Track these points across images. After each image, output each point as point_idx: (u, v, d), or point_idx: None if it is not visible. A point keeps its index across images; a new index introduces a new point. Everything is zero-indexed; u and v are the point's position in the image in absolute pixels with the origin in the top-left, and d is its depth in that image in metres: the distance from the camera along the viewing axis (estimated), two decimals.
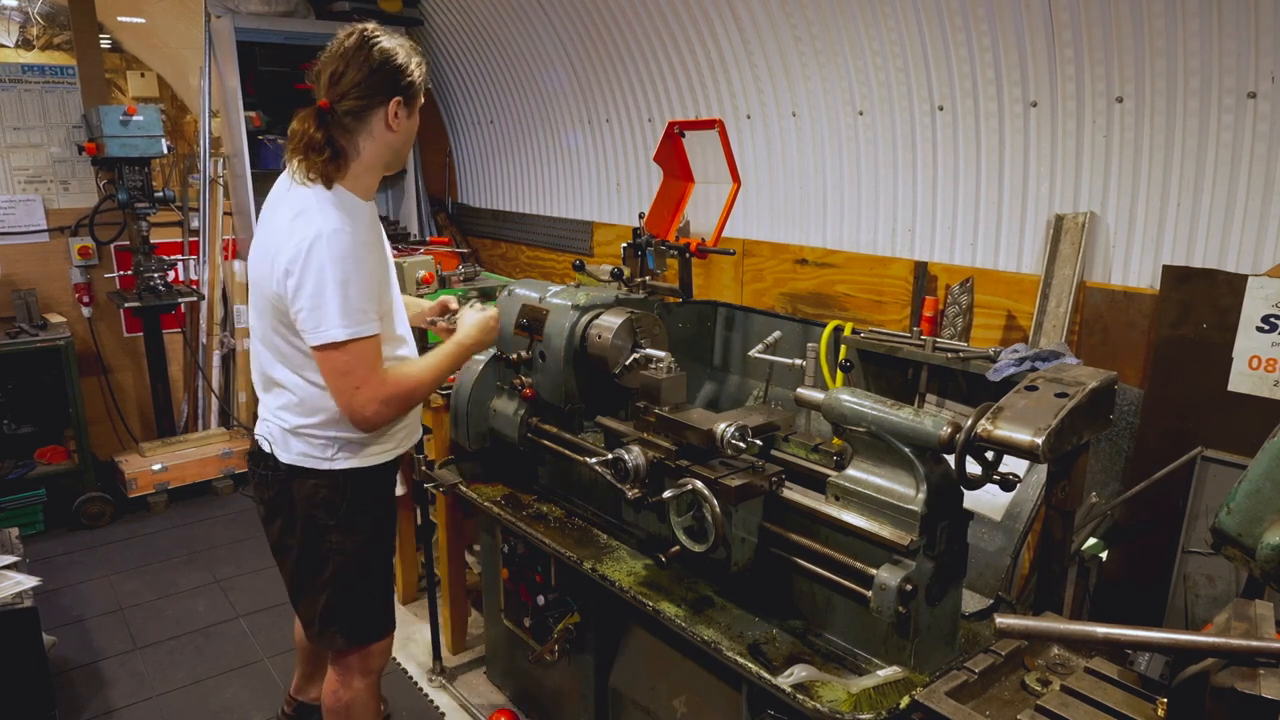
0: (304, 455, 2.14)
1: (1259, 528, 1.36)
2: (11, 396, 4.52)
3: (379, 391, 2.00)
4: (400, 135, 2.04)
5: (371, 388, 1.99)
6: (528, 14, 4.49)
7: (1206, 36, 2.34)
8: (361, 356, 1.96)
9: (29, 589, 2.72)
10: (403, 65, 1.98)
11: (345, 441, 2.14)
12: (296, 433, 2.13)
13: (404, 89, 1.99)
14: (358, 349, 1.95)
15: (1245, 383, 2.36)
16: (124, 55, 5.36)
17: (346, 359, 1.95)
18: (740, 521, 1.93)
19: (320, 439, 2.13)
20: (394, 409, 2.06)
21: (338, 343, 1.93)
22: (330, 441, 2.13)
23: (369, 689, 2.36)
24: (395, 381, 2.04)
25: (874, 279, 3.36)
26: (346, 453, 2.15)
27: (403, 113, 2.01)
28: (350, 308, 1.92)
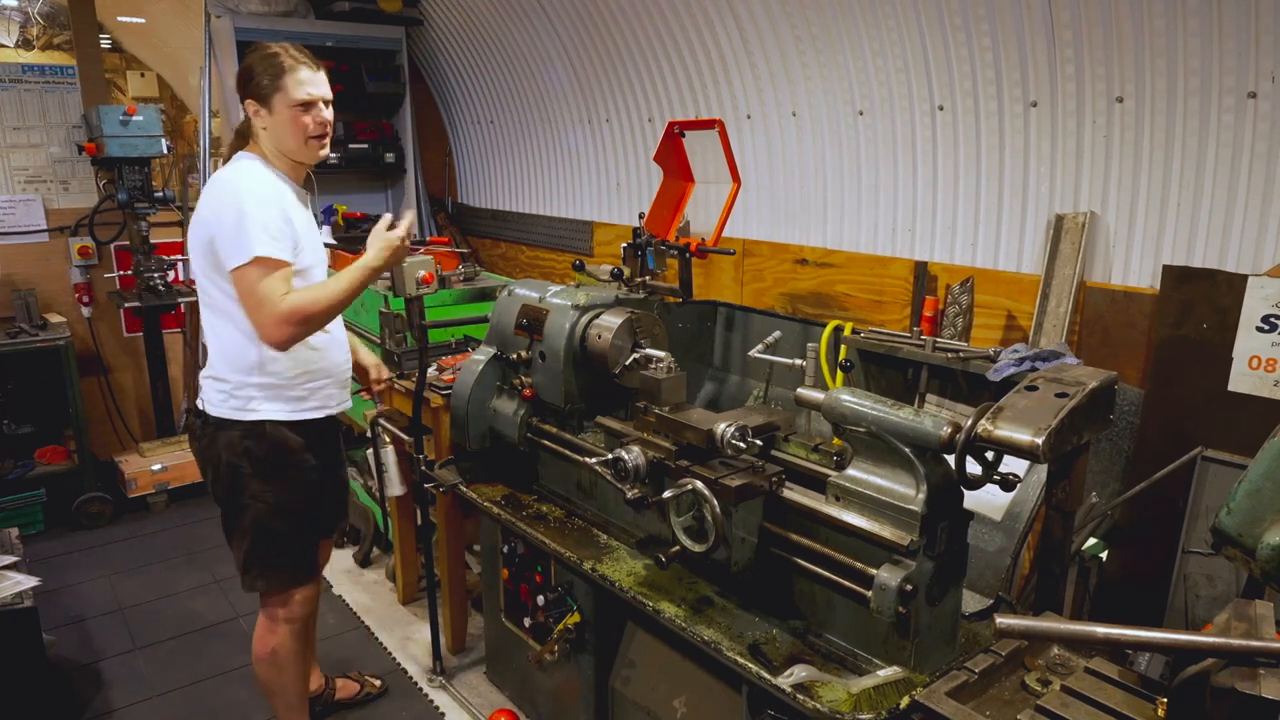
0: (226, 406, 2.35)
1: (1259, 528, 1.36)
2: (11, 396, 4.52)
3: (279, 306, 2.17)
4: (272, 130, 2.30)
5: (273, 303, 2.18)
6: (528, 14, 4.49)
7: (1207, 36, 2.34)
8: (267, 274, 2.17)
9: (29, 589, 2.71)
10: (249, 75, 2.28)
11: (265, 393, 2.34)
12: (219, 382, 2.35)
13: (251, 92, 2.29)
14: (266, 266, 2.17)
15: (1245, 383, 2.36)
16: (124, 55, 5.36)
17: (253, 277, 2.16)
18: (740, 521, 1.93)
19: (242, 390, 2.33)
20: (296, 325, 2.21)
21: (249, 260, 2.15)
22: (251, 393, 2.33)
23: (293, 635, 2.54)
24: (297, 298, 2.21)
25: (874, 279, 3.36)
26: (266, 405, 2.34)
27: (263, 111, 2.29)
28: (259, 233, 2.16)
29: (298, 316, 2.20)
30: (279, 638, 2.53)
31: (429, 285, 4.05)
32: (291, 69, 2.27)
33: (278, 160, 2.36)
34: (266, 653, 2.55)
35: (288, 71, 2.27)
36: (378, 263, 2.38)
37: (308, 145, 2.33)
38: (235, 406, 2.35)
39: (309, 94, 2.28)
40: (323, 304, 2.26)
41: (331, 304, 2.28)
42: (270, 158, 2.35)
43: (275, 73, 2.26)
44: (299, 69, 2.28)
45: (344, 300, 2.31)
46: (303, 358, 2.38)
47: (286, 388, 2.37)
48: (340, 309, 2.35)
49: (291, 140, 2.32)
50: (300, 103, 2.28)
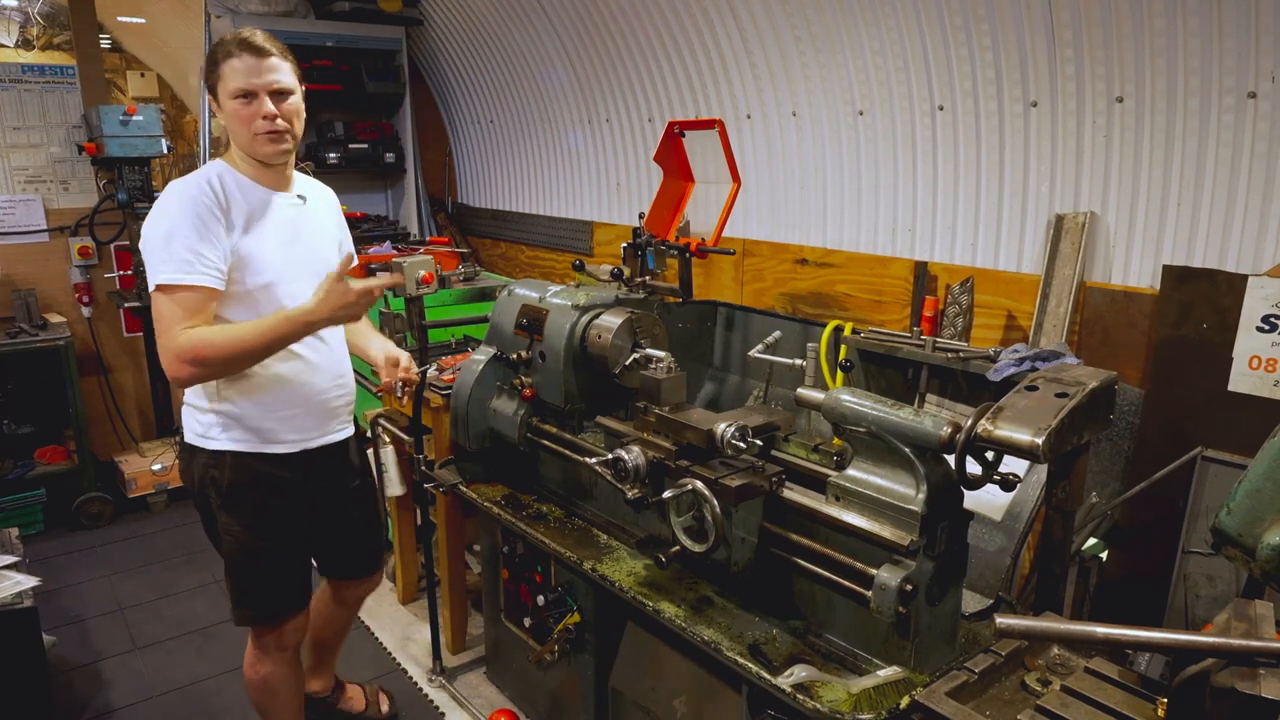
0: (194, 433, 2.20)
1: (1259, 528, 1.36)
2: (11, 396, 4.52)
3: (171, 343, 1.95)
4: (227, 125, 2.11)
5: (167, 338, 1.96)
6: (528, 14, 4.49)
7: (1207, 36, 2.34)
8: (170, 306, 1.95)
9: (29, 589, 2.71)
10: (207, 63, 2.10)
11: (224, 421, 2.15)
12: (188, 406, 2.21)
13: (208, 83, 2.12)
14: (169, 297, 1.96)
15: (1245, 383, 2.36)
16: (124, 55, 5.36)
17: (159, 306, 1.97)
18: (740, 521, 1.93)
19: (205, 416, 2.17)
20: (188, 363, 1.95)
21: (157, 287, 1.97)
22: (214, 420, 2.16)
23: (285, 663, 2.43)
24: (196, 335, 1.95)
25: (874, 279, 3.36)
26: (230, 435, 2.16)
27: (215, 104, 2.11)
28: (170, 257, 1.95)
29: (190, 355, 1.94)
30: (269, 666, 2.42)
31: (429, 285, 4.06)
32: (229, 55, 2.04)
33: (244, 162, 2.15)
34: (257, 679, 2.44)
35: (225, 59, 2.05)
36: (314, 317, 2.02)
37: (255, 140, 2.08)
38: (199, 433, 2.19)
39: (248, 83, 2.03)
40: (224, 348, 1.97)
41: (237, 349, 1.98)
42: (237, 159, 2.16)
43: (215, 61, 2.06)
44: (239, 55, 2.03)
45: (257, 347, 2.01)
46: (260, 384, 2.15)
47: (248, 417, 2.16)
48: (253, 356, 2.04)
49: (239, 135, 2.10)
50: (240, 92, 2.04)
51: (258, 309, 2.10)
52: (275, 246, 2.13)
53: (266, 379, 2.16)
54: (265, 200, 2.14)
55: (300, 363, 2.21)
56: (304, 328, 2.05)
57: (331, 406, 2.32)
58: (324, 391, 2.28)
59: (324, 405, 2.29)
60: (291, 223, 2.20)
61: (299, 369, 2.21)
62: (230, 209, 2.06)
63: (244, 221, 2.07)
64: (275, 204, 2.17)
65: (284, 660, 2.42)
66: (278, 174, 2.20)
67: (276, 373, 2.16)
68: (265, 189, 2.16)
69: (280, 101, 2.08)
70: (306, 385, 2.23)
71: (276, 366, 2.15)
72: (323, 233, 2.33)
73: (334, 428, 2.35)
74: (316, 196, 2.37)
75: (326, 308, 2.02)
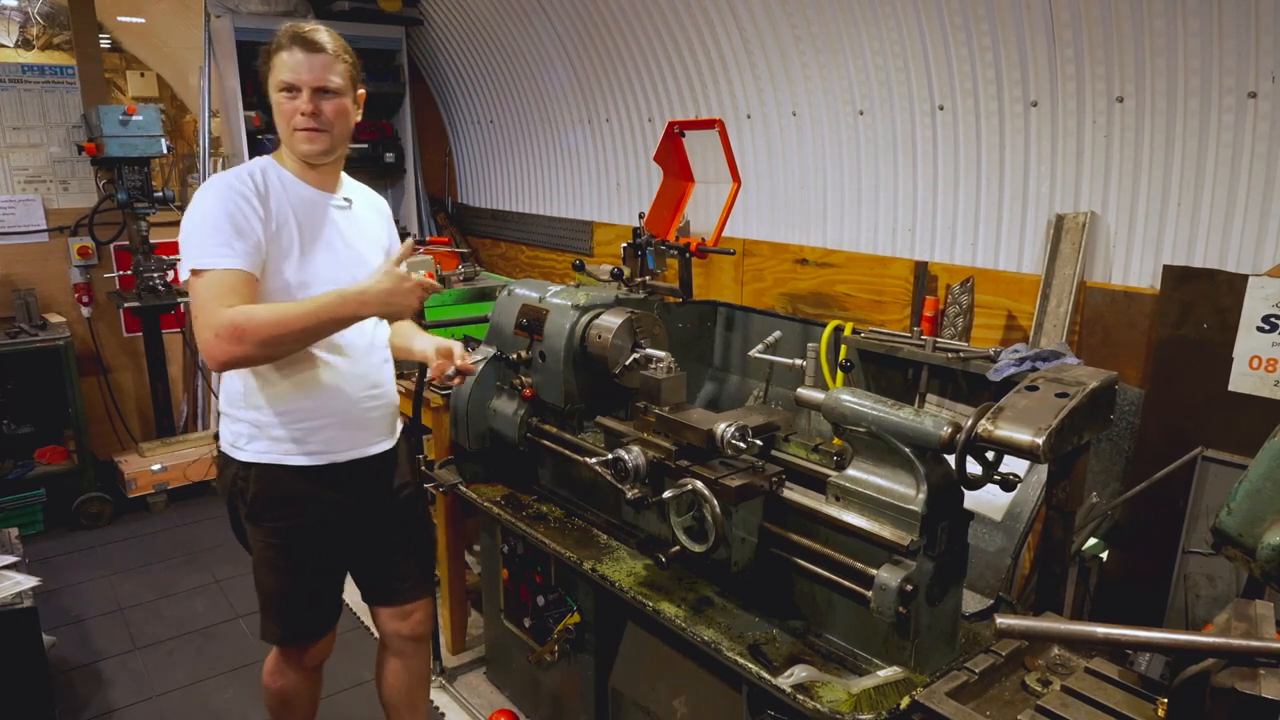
0: (226, 442, 2.13)
1: (1259, 528, 1.36)
2: (11, 396, 4.52)
3: (211, 321, 1.84)
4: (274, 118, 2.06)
5: (205, 316, 1.86)
6: (528, 14, 4.49)
7: (1207, 36, 2.33)
8: (207, 287, 1.87)
9: (29, 589, 2.71)
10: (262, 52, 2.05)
11: (252, 430, 2.07)
12: (223, 416, 2.14)
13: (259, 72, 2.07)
14: (206, 279, 1.88)
15: (1246, 383, 2.35)
16: (124, 55, 5.36)
17: (196, 289, 1.89)
18: (740, 522, 1.93)
19: (236, 425, 2.10)
20: (232, 343, 1.83)
21: (192, 273, 1.90)
22: (240, 429, 2.09)
23: (305, 680, 2.35)
24: (232, 311, 1.85)
25: (874, 279, 3.36)
26: (256, 444, 2.08)
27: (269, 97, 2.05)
28: (205, 242, 1.89)
29: (230, 330, 1.82)
30: (289, 680, 2.33)
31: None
32: (280, 48, 2.00)
33: (290, 159, 2.09)
34: (275, 689, 2.35)
35: (277, 51, 2.00)
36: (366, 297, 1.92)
37: (294, 137, 2.02)
38: (229, 442, 2.12)
39: (294, 77, 1.97)
40: (267, 323, 1.84)
41: (280, 326, 1.85)
42: (285, 156, 2.09)
43: (269, 52, 2.02)
44: (290, 49, 1.98)
45: (303, 326, 1.88)
46: (286, 392, 2.06)
47: (272, 426, 2.06)
48: (297, 335, 1.90)
49: (281, 129, 2.04)
50: (284, 85, 1.98)
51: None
52: (312, 245, 2.05)
53: (295, 386, 2.06)
54: (307, 198, 2.07)
55: (330, 370, 2.10)
56: (355, 308, 1.93)
57: (365, 418, 2.18)
58: (356, 402, 2.14)
59: (356, 417, 2.15)
60: (333, 225, 2.11)
61: (329, 376, 2.09)
62: (269, 199, 1.99)
63: (281, 215, 2.00)
64: (317, 203, 2.09)
65: (304, 676, 2.35)
66: (324, 174, 2.12)
67: (305, 379, 2.07)
68: (309, 187, 2.08)
69: (322, 99, 2.00)
70: (337, 394, 2.11)
71: (305, 373, 2.06)
72: (369, 239, 2.22)
73: (367, 441, 2.19)
74: (365, 203, 2.28)
75: (381, 291, 1.93)
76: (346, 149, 2.18)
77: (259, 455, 2.08)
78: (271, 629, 2.25)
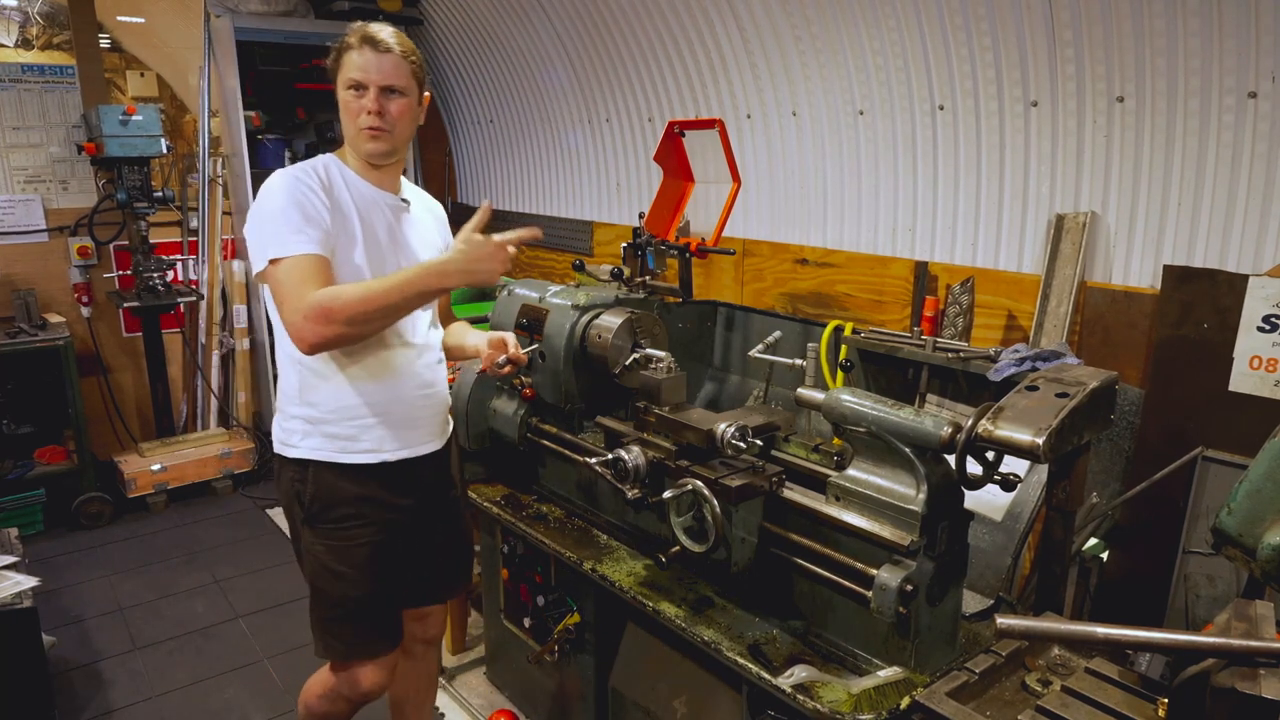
0: (280, 441, 2.11)
1: (1259, 528, 1.36)
2: (11, 396, 4.52)
3: (297, 305, 1.86)
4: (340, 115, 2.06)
5: (291, 301, 1.87)
6: (528, 14, 4.49)
7: (1207, 36, 2.33)
8: (287, 274, 1.88)
9: (28, 589, 2.71)
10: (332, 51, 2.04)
11: (306, 426, 2.05)
12: (278, 414, 2.13)
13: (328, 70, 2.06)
14: (286, 267, 1.89)
15: (1246, 383, 2.35)
16: (123, 55, 5.36)
17: (277, 278, 1.90)
18: (740, 522, 1.92)
19: (289, 421, 2.08)
20: (321, 324, 1.85)
21: (270, 262, 1.90)
22: (295, 425, 2.07)
23: (351, 711, 2.25)
24: (325, 293, 1.86)
25: (874, 279, 3.36)
26: (313, 442, 2.06)
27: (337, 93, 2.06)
28: (279, 230, 1.90)
29: (319, 312, 1.84)
30: (335, 707, 2.23)
31: None
32: (350, 47, 2.00)
33: (353, 157, 2.09)
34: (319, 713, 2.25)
35: (347, 50, 2.00)
36: (450, 267, 1.92)
37: (359, 135, 2.02)
38: (283, 440, 2.10)
39: (362, 75, 1.98)
40: (353, 301, 1.85)
41: (366, 303, 1.86)
42: (347, 154, 2.09)
43: (339, 51, 2.02)
44: (360, 48, 1.99)
45: (389, 302, 1.89)
46: (340, 389, 2.05)
47: (326, 422, 2.05)
48: (384, 310, 1.91)
49: (347, 128, 2.04)
50: (352, 83, 1.99)
51: None
52: (371, 242, 2.05)
53: (349, 382, 2.06)
54: (369, 196, 2.07)
55: (385, 368, 2.09)
56: (438, 279, 1.93)
57: (417, 418, 2.16)
58: (409, 401, 2.13)
59: (408, 416, 2.14)
60: (393, 224, 2.11)
61: (383, 374, 2.09)
62: (333, 191, 2.01)
63: (345, 208, 2.02)
64: (378, 202, 2.09)
65: (351, 710, 2.25)
66: (385, 174, 2.11)
67: (360, 377, 2.06)
68: (370, 186, 2.08)
69: (388, 100, 2.01)
70: (390, 392, 2.09)
71: (360, 370, 2.06)
72: (425, 242, 2.19)
73: (419, 440, 2.17)
74: (423, 206, 2.27)
75: (463, 258, 1.92)
76: (407, 150, 2.18)
77: (312, 452, 2.06)
78: (333, 645, 2.15)
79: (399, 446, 2.12)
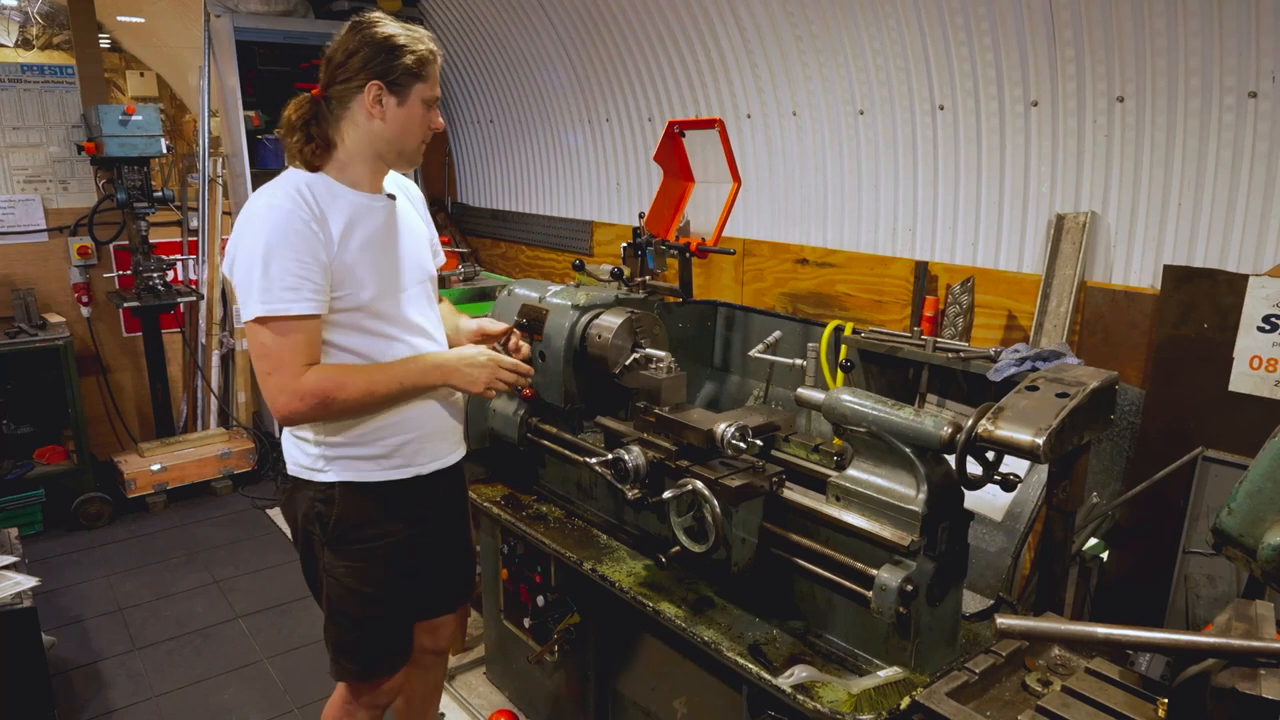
0: (298, 465, 2.02)
1: (1260, 528, 1.36)
2: (11, 396, 4.52)
3: (292, 383, 1.79)
4: (391, 126, 1.90)
5: (285, 376, 1.80)
6: (528, 14, 4.49)
7: (1207, 36, 2.33)
8: (278, 337, 1.79)
9: (28, 589, 2.71)
10: (387, 49, 1.85)
11: (335, 451, 1.97)
12: (293, 439, 2.02)
13: (384, 73, 1.86)
14: (276, 329, 1.79)
15: (1246, 383, 2.35)
16: (123, 55, 5.36)
17: (263, 339, 1.80)
18: (740, 522, 1.92)
19: (310, 446, 1.99)
20: (310, 407, 1.83)
21: (256, 318, 1.79)
22: (319, 449, 1.97)
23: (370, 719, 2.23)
24: (320, 377, 1.82)
25: (874, 279, 3.36)
26: (338, 464, 1.97)
27: (388, 100, 1.87)
28: (271, 284, 1.77)
29: (319, 398, 1.81)
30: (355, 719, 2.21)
31: None
32: (434, 58, 1.92)
33: (361, 166, 1.95)
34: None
35: (434, 61, 1.91)
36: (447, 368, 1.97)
37: (420, 148, 1.99)
38: (305, 465, 2.00)
39: (438, 92, 1.95)
40: (358, 393, 1.85)
41: (369, 397, 1.88)
42: (351, 163, 1.93)
43: (424, 60, 1.89)
44: (434, 61, 1.92)
45: (385, 394, 1.90)
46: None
47: (353, 444, 1.97)
48: (384, 402, 1.93)
49: (413, 140, 1.95)
50: (434, 99, 1.94)
51: (362, 324, 1.94)
52: (375, 255, 1.95)
53: None
54: (358, 204, 1.94)
55: None
56: (441, 375, 2.00)
57: (445, 427, 2.12)
58: (438, 411, 2.09)
59: (438, 427, 2.10)
60: (385, 227, 2.00)
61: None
62: (326, 220, 1.87)
63: (341, 232, 1.88)
64: (369, 208, 1.97)
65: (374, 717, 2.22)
66: (377, 175, 2.01)
67: None
68: (358, 192, 1.95)
69: None
70: (424, 405, 2.05)
71: None
72: (416, 234, 2.12)
73: (447, 451, 2.15)
74: (403, 194, 2.14)
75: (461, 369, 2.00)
76: None
77: (344, 474, 1.98)
78: (346, 667, 2.11)
79: (431, 459, 2.09)
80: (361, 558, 2.02)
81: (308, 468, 2.00)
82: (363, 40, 1.86)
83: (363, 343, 1.95)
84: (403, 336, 2.01)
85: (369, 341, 1.96)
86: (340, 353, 1.93)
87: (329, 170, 1.94)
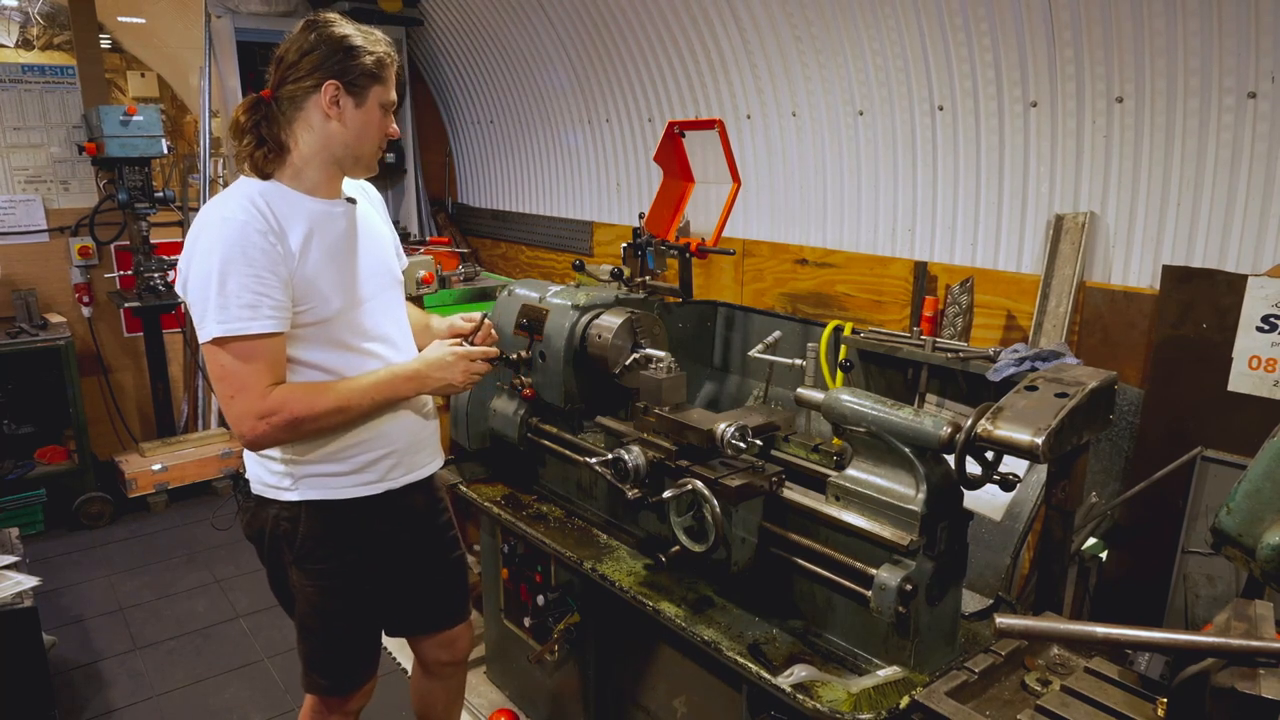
0: (263, 484, 1.95)
1: (1259, 528, 1.36)
2: (11, 396, 4.52)
3: (258, 405, 1.73)
4: (348, 129, 1.82)
5: (249, 399, 1.73)
6: (528, 14, 4.49)
7: (1207, 36, 2.34)
8: (239, 359, 1.72)
9: (29, 589, 2.71)
10: (345, 49, 1.79)
11: (302, 470, 1.90)
12: (257, 457, 1.94)
13: (341, 72, 1.79)
14: (236, 350, 1.72)
15: (1245, 383, 2.35)
16: (124, 55, 5.36)
17: (222, 361, 1.73)
18: (740, 521, 1.93)
19: (275, 464, 1.92)
20: (278, 430, 1.76)
21: (214, 339, 1.71)
22: (285, 467, 1.90)
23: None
24: (285, 398, 1.75)
25: (874, 279, 3.36)
26: (307, 483, 1.90)
27: (346, 101, 1.80)
28: (228, 303, 1.69)
29: (285, 420, 1.74)
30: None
31: (429, 285, 4.06)
32: (391, 62, 1.87)
33: (315, 171, 1.86)
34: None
35: (389, 65, 1.86)
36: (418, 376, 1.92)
37: (376, 153, 1.93)
38: (270, 484, 1.93)
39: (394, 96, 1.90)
40: (325, 414, 1.79)
41: (338, 416, 1.81)
42: (305, 168, 1.85)
43: (382, 62, 1.84)
44: (391, 65, 1.87)
45: (356, 410, 1.83)
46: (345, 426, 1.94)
47: (324, 460, 1.91)
48: (353, 421, 1.86)
49: (370, 144, 1.89)
50: (391, 104, 1.89)
51: (329, 338, 1.87)
52: (339, 265, 1.89)
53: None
54: (317, 212, 1.86)
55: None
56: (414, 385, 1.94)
57: (420, 438, 2.07)
58: (414, 423, 2.04)
59: (414, 439, 2.05)
60: (346, 234, 1.93)
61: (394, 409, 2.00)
62: (285, 233, 1.78)
63: (300, 244, 1.80)
64: (328, 214, 1.89)
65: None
66: (334, 181, 1.93)
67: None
68: (316, 199, 1.87)
69: None
70: (399, 418, 2.00)
71: None
72: (378, 236, 2.06)
73: (422, 462, 2.10)
74: (363, 197, 2.07)
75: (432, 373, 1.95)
76: None
77: (311, 492, 1.91)
78: (317, 681, 2.09)
79: (406, 471, 2.04)
80: (330, 576, 1.97)
81: (273, 486, 1.93)
82: (319, 39, 1.80)
83: (330, 358, 1.88)
84: (372, 349, 1.95)
85: (336, 356, 1.89)
86: (307, 369, 1.86)
87: (283, 177, 1.86)
